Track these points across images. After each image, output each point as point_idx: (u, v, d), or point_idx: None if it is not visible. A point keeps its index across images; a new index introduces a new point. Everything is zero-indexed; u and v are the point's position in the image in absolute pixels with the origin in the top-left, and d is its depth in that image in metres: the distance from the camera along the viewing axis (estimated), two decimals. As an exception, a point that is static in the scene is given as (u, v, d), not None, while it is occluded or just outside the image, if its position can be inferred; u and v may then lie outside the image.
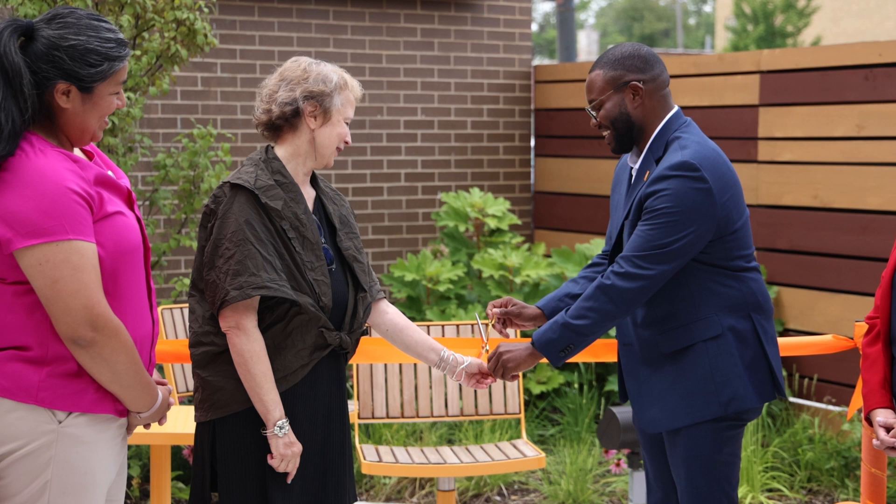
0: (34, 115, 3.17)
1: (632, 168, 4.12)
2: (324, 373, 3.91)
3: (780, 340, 4.28)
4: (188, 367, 5.90)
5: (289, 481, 3.80)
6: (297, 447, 3.78)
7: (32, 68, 3.15)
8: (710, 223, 3.91)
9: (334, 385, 3.95)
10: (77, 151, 3.34)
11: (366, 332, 4.06)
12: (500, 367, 4.11)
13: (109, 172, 3.35)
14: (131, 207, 3.33)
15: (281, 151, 3.93)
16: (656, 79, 4.03)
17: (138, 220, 3.35)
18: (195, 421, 3.88)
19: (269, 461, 3.76)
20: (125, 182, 3.36)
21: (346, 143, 3.97)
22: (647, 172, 3.98)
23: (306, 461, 3.86)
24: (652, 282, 3.91)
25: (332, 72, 3.94)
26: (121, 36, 3.24)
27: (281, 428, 3.74)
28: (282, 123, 3.92)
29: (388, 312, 4.17)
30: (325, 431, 3.93)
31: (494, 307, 4.31)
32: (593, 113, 4.06)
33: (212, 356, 3.82)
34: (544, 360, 4.12)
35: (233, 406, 3.79)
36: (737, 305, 4.01)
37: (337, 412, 3.97)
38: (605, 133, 4.07)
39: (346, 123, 3.96)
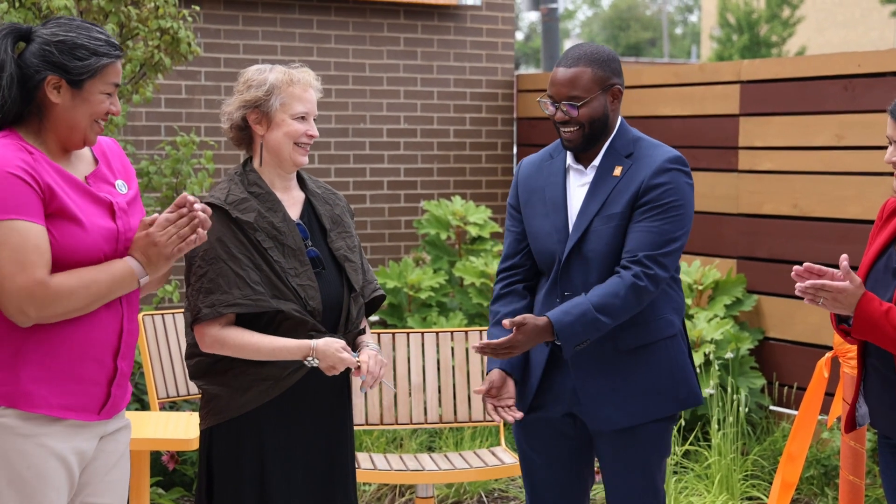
0: (20, 112, 3.22)
1: (570, 167, 4.05)
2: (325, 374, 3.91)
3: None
4: (168, 373, 5.92)
5: (371, 387, 3.85)
6: (342, 357, 3.79)
7: (25, 64, 3.21)
8: (691, 220, 3.98)
9: (337, 385, 3.99)
10: (86, 153, 3.37)
11: (362, 332, 4.06)
12: (513, 344, 3.82)
13: (121, 183, 3.40)
14: (112, 218, 3.32)
15: (255, 162, 3.96)
16: (623, 85, 4.02)
17: (119, 231, 3.32)
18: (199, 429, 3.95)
19: (360, 387, 3.86)
20: (115, 195, 3.37)
21: (310, 136, 3.92)
22: (619, 168, 3.95)
23: (309, 461, 3.90)
24: (664, 282, 3.93)
25: (272, 72, 3.91)
26: (113, 40, 3.30)
27: (310, 360, 3.79)
28: (240, 136, 3.96)
29: None
30: (330, 430, 3.97)
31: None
32: (573, 111, 3.91)
33: (205, 366, 3.89)
34: None
35: (227, 413, 3.85)
36: (678, 308, 4.07)
37: (340, 412, 4.01)
38: (573, 130, 3.94)
39: (302, 118, 3.91)
